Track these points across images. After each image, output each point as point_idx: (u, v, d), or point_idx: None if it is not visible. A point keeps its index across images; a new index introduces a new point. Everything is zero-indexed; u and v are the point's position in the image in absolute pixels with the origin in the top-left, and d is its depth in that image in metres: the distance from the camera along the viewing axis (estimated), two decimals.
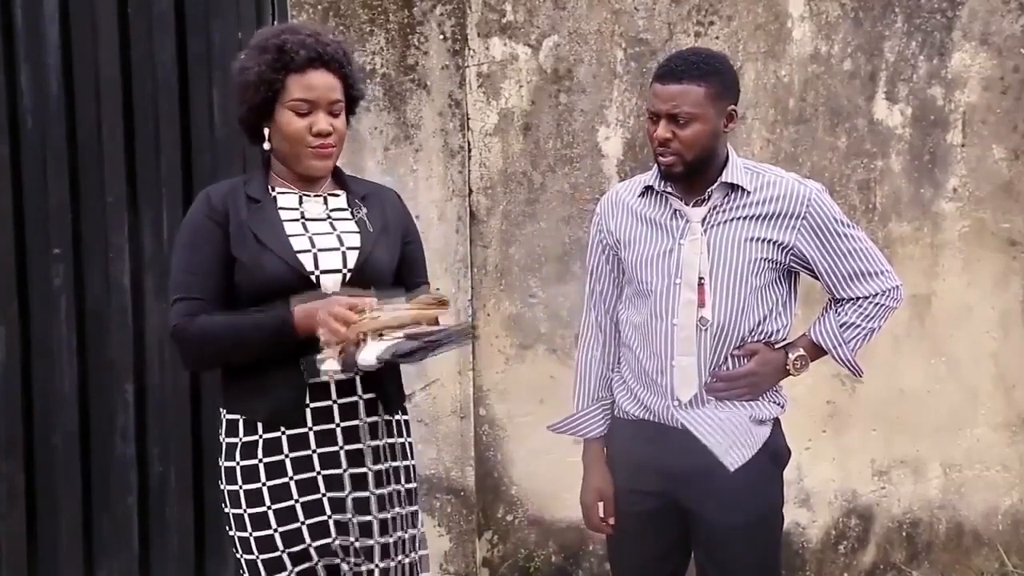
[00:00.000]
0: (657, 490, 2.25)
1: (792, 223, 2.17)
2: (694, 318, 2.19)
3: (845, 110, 3.25)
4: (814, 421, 3.34)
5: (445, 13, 3.10)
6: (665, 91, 2.11)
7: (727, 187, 2.19)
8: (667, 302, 2.20)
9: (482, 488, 3.28)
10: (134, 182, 3.07)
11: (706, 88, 2.11)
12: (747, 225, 2.18)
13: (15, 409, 3.06)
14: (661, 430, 2.24)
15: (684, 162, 2.14)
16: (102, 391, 3.10)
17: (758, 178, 2.20)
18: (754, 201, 2.18)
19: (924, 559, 3.42)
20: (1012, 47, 3.26)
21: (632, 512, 2.30)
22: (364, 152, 3.10)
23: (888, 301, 2.23)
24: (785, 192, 2.18)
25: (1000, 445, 3.39)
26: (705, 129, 2.12)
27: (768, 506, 2.27)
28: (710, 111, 2.12)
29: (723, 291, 2.18)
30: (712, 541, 2.24)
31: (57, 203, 3.03)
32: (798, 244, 2.18)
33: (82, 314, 3.07)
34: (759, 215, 2.18)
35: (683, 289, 2.18)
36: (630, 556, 2.36)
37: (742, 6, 3.19)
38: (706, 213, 2.19)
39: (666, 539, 2.30)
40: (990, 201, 3.30)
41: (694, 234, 2.19)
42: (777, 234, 2.17)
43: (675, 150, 2.13)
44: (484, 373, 3.25)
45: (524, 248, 3.22)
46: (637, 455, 2.29)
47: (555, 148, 3.21)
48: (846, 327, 2.21)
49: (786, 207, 2.18)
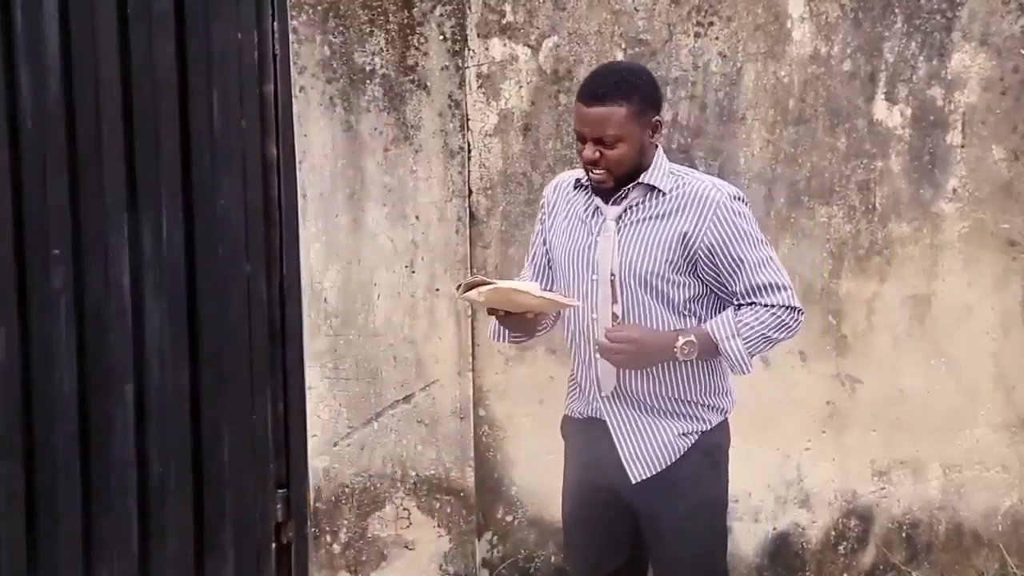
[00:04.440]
0: (603, 484, 2.34)
1: (699, 225, 2.21)
2: (610, 313, 2.25)
3: (845, 111, 3.25)
4: (814, 421, 3.34)
5: (445, 14, 3.10)
6: (588, 114, 2.16)
7: (646, 188, 2.24)
8: (587, 296, 2.28)
9: (482, 489, 3.28)
10: (134, 182, 3.07)
11: (628, 108, 2.15)
12: (657, 225, 2.23)
13: (15, 409, 3.06)
14: (597, 424, 2.32)
15: (614, 177, 2.21)
16: (102, 391, 3.10)
17: (677, 181, 2.25)
18: (667, 201, 2.23)
19: (924, 560, 3.42)
20: (1012, 48, 3.26)
21: (583, 503, 2.38)
22: (364, 152, 3.11)
23: (784, 315, 2.24)
24: (697, 194, 2.22)
25: (1000, 446, 3.39)
26: (631, 148, 2.19)
27: (702, 500, 2.31)
28: (634, 129, 2.18)
29: (629, 288, 2.24)
30: (648, 534, 2.33)
31: (57, 203, 3.02)
32: (701, 247, 2.21)
33: (82, 314, 3.07)
34: (668, 214, 2.22)
35: (600, 285, 2.25)
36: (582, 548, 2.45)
37: (742, 6, 3.19)
38: (621, 212, 2.23)
39: (615, 530, 2.37)
40: (990, 202, 3.30)
41: (608, 231, 2.25)
42: (684, 233, 2.21)
43: (604, 167, 2.20)
44: (484, 374, 3.25)
45: (524, 249, 3.22)
46: (583, 449, 2.39)
47: (555, 149, 3.21)
48: (742, 324, 2.23)
49: (695, 209, 2.21)
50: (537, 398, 3.23)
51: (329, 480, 3.19)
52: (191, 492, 3.16)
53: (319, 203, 3.10)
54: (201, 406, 3.16)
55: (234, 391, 3.15)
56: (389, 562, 3.24)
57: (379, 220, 3.13)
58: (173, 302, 3.10)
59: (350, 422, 3.18)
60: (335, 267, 3.13)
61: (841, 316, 3.30)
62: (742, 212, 2.24)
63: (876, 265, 3.30)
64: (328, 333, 3.14)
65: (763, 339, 2.23)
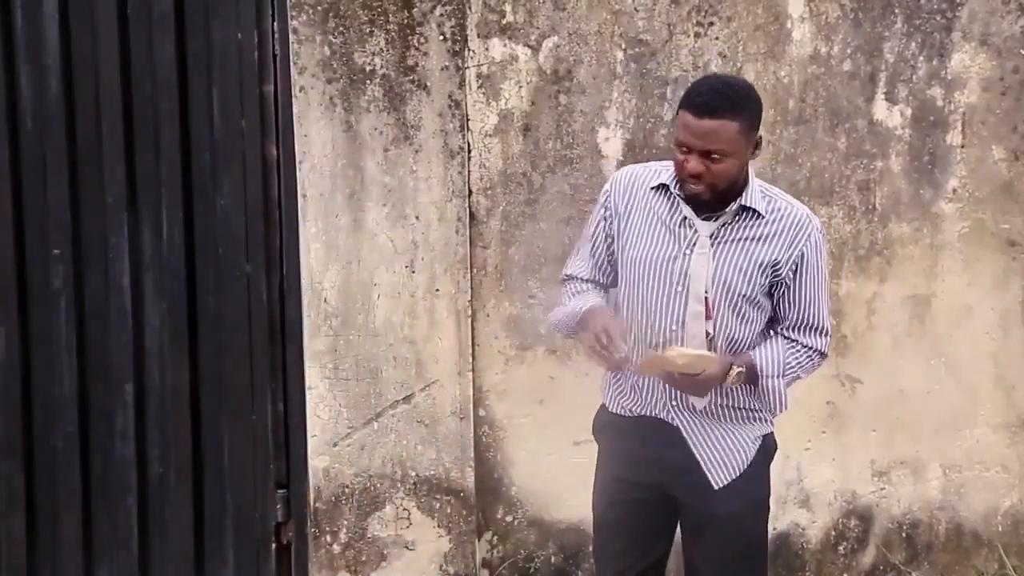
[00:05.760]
0: (650, 481, 2.32)
1: (791, 252, 2.22)
2: (703, 329, 2.22)
3: (845, 111, 3.25)
4: (814, 422, 3.34)
5: (445, 14, 3.10)
6: (699, 126, 2.11)
7: (741, 207, 2.21)
8: (668, 308, 2.24)
9: (482, 489, 3.28)
10: (134, 182, 3.07)
11: (739, 124, 2.12)
12: (753, 247, 2.22)
13: (15, 409, 3.06)
14: (658, 425, 2.29)
15: (714, 192, 2.18)
16: (102, 391, 3.10)
17: (771, 204, 2.24)
18: (764, 224, 2.22)
19: (924, 560, 3.42)
20: (1012, 48, 3.26)
21: (623, 500, 2.37)
22: (364, 153, 3.11)
23: (817, 359, 2.33)
24: (794, 221, 2.24)
25: (1000, 446, 3.39)
26: (737, 163, 2.16)
27: (758, 499, 2.36)
28: (742, 145, 2.15)
29: (724, 307, 2.23)
30: (700, 529, 2.32)
31: (57, 203, 3.03)
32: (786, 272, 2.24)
33: (82, 314, 3.07)
34: (764, 238, 2.21)
35: (689, 300, 2.23)
36: (617, 542, 2.43)
37: (742, 7, 3.19)
38: (715, 229, 2.21)
39: (654, 526, 2.39)
40: (990, 202, 3.31)
41: (702, 248, 2.22)
42: (775, 260, 2.22)
43: (708, 182, 2.16)
44: (484, 374, 3.25)
45: (524, 249, 3.22)
46: (632, 448, 2.35)
47: (555, 149, 3.21)
48: (788, 365, 2.26)
49: (790, 236, 2.23)
50: (537, 398, 3.23)
51: (329, 480, 3.19)
52: (191, 492, 3.16)
53: (319, 203, 3.10)
54: (201, 406, 3.16)
55: (234, 391, 3.15)
56: (389, 562, 3.24)
57: (379, 220, 3.13)
58: (173, 302, 3.10)
59: (350, 422, 3.18)
60: (335, 267, 3.13)
61: (841, 316, 3.30)
62: (823, 245, 2.28)
63: (876, 265, 3.30)
64: (328, 333, 3.14)
65: (795, 379, 2.30)
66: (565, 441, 3.17)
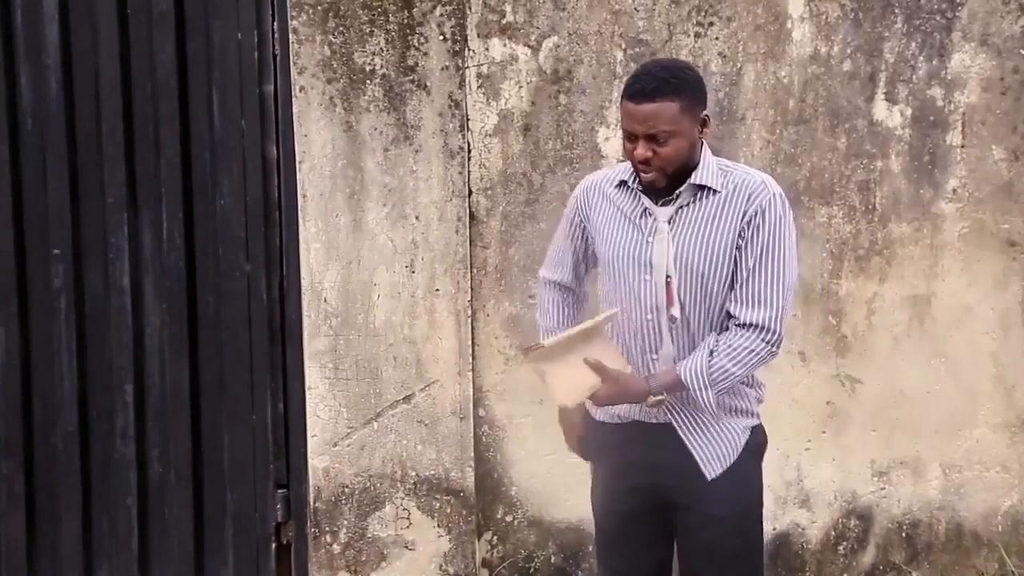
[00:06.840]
0: (644, 485, 2.32)
1: (744, 219, 2.19)
2: (666, 315, 2.23)
3: (845, 111, 3.25)
4: (814, 422, 3.34)
5: (445, 14, 3.10)
6: (639, 111, 2.13)
7: (697, 187, 2.21)
8: (640, 297, 2.26)
9: (482, 489, 3.28)
10: (134, 182, 3.07)
11: (679, 103, 2.13)
12: (712, 225, 2.21)
13: (15, 409, 3.06)
14: (647, 429, 2.30)
15: (666, 176, 2.19)
16: (102, 391, 3.11)
17: (727, 176, 2.23)
18: (720, 199, 2.20)
19: (924, 560, 3.42)
20: (1012, 48, 3.26)
21: (620, 509, 2.37)
22: (364, 153, 3.11)
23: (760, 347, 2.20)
24: (746, 187, 2.20)
25: (1000, 446, 3.39)
26: (684, 143, 2.16)
27: (752, 497, 2.35)
28: (686, 124, 2.15)
29: (694, 289, 2.22)
30: (696, 530, 2.32)
31: (57, 203, 3.03)
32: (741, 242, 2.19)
33: (82, 314, 3.07)
34: (721, 212, 2.20)
35: (655, 287, 2.24)
36: (619, 550, 2.43)
37: (742, 7, 3.19)
38: (672, 213, 2.22)
39: (652, 530, 2.38)
40: (990, 202, 3.31)
41: (661, 233, 2.23)
42: (733, 227, 2.19)
43: (657, 166, 2.17)
44: (484, 374, 3.26)
45: (524, 249, 3.22)
46: (625, 454, 2.36)
47: (555, 149, 3.21)
48: (715, 370, 2.20)
49: (742, 203, 2.20)
50: (537, 398, 3.23)
51: (329, 480, 3.19)
52: (191, 492, 3.16)
53: (319, 203, 3.10)
54: (201, 406, 3.16)
55: (234, 391, 3.16)
56: (389, 562, 3.24)
57: (379, 220, 3.13)
58: (173, 302, 3.10)
59: (350, 422, 3.18)
60: (335, 267, 3.13)
61: (841, 316, 3.30)
62: (785, 217, 2.20)
63: (876, 265, 3.30)
64: (328, 333, 3.14)
65: (736, 379, 2.22)
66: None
